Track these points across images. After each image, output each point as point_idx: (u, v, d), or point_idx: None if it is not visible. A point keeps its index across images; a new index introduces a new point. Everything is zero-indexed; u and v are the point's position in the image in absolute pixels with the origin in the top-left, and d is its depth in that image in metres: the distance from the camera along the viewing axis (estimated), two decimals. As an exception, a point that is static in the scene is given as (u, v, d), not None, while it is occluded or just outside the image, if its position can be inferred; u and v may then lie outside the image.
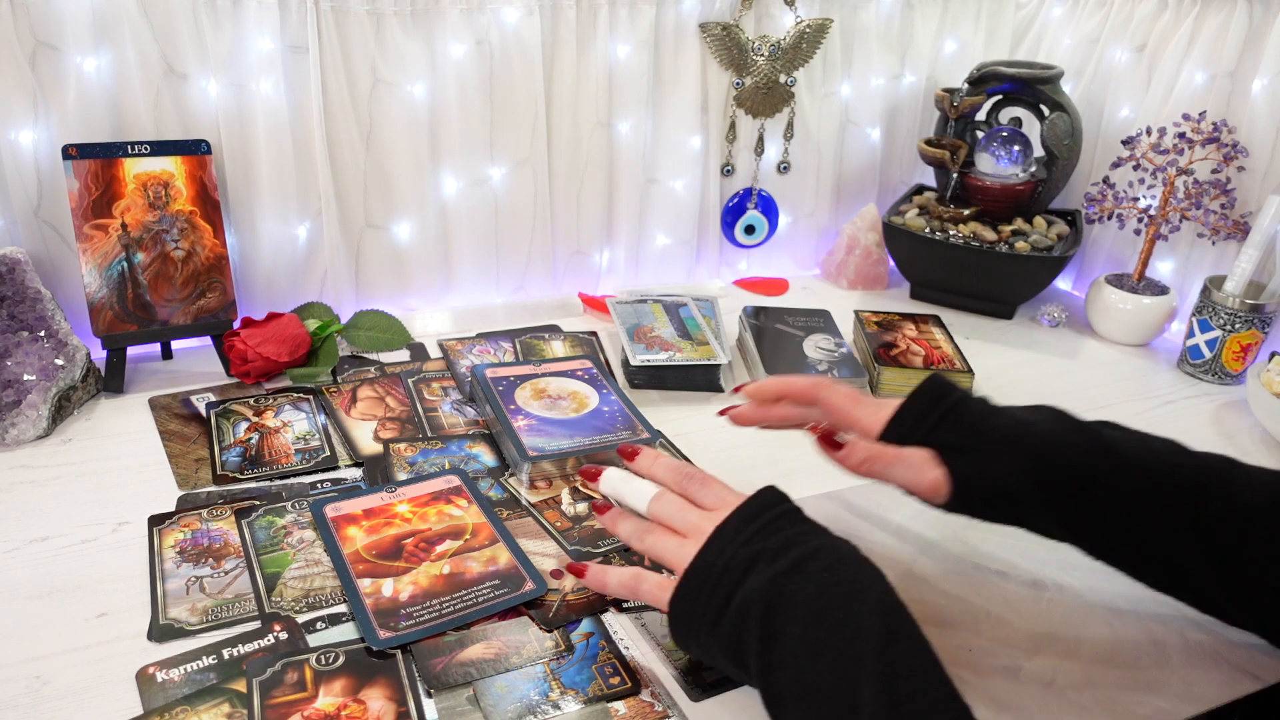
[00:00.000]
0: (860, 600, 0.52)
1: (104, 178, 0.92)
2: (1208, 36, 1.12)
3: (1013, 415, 0.65)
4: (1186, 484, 0.61)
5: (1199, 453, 0.64)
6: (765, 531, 0.58)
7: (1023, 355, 1.14)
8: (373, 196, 1.08)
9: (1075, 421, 0.65)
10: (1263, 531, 0.59)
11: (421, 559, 0.71)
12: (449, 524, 0.76)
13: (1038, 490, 0.62)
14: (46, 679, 0.60)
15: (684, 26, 1.16)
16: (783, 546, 0.56)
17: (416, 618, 0.66)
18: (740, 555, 0.57)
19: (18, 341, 0.88)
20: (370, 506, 0.77)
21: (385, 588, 0.68)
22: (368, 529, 0.74)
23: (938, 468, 0.64)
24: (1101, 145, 1.27)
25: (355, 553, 0.72)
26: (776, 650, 0.52)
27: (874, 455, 0.65)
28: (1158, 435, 0.65)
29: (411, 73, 1.04)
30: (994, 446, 0.64)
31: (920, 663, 0.49)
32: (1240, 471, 0.62)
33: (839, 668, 0.49)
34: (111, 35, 0.92)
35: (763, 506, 0.60)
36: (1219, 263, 1.16)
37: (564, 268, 1.23)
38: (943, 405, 0.66)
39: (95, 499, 0.78)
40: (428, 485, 0.80)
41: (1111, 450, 0.62)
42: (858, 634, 0.50)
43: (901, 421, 0.67)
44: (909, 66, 1.34)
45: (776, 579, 0.54)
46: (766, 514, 0.59)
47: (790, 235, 1.36)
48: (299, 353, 0.98)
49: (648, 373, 1.01)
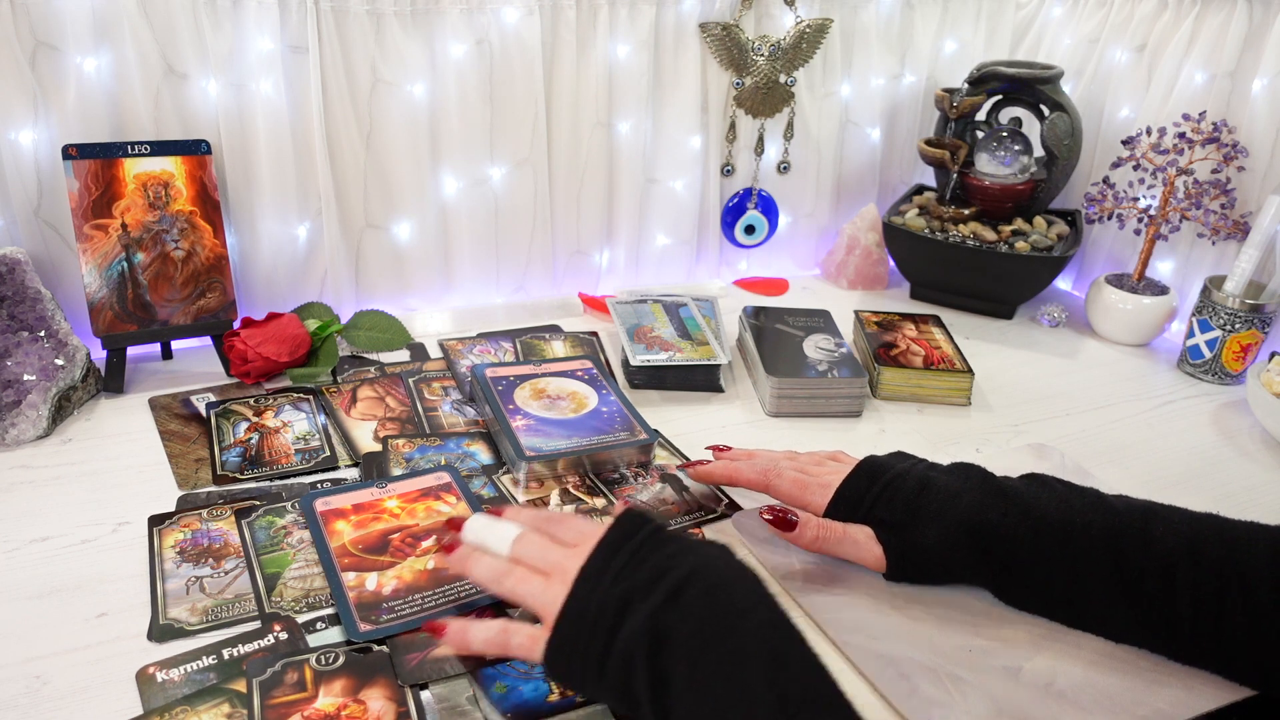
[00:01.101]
0: (741, 625, 0.50)
1: (104, 178, 0.92)
2: (1208, 36, 1.12)
3: (941, 488, 0.69)
4: (1102, 538, 0.64)
5: (1121, 503, 0.66)
6: (632, 564, 0.55)
7: (1023, 355, 1.14)
8: (373, 196, 1.08)
9: (999, 485, 0.69)
10: (1182, 578, 0.61)
11: (407, 554, 0.72)
12: (436, 520, 0.76)
13: (968, 556, 0.67)
14: (46, 679, 0.60)
15: (684, 26, 1.16)
16: (653, 578, 0.54)
17: (398, 611, 0.66)
18: (612, 596, 0.54)
19: (18, 341, 0.88)
20: (360, 501, 0.78)
21: (369, 581, 0.69)
22: (355, 524, 0.75)
23: (876, 545, 0.69)
24: (1101, 145, 1.27)
25: (342, 546, 0.72)
26: (668, 693, 0.50)
27: (823, 535, 0.70)
28: (1084, 487, 0.68)
29: (411, 73, 1.04)
30: (924, 522, 0.68)
31: (812, 685, 0.48)
32: (1158, 520, 0.64)
33: (732, 704, 0.47)
34: (111, 35, 0.92)
35: (623, 536, 0.57)
36: (1219, 263, 1.16)
37: (564, 268, 1.23)
38: (877, 485, 0.71)
39: (95, 499, 0.78)
40: (418, 481, 0.81)
41: (1029, 513, 0.66)
42: (743, 663, 0.48)
43: (840, 502, 0.72)
44: (909, 66, 1.34)
45: (655, 615, 0.51)
46: (629, 544, 0.57)
47: (790, 235, 1.36)
48: (299, 353, 0.98)
49: (648, 373, 1.01)
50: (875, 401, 1.01)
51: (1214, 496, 0.86)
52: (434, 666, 0.62)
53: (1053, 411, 1.01)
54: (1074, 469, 0.88)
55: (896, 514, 0.69)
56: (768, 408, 0.97)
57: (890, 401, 1.01)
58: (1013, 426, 0.97)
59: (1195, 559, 0.61)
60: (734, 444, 0.89)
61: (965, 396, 1.01)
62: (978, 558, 0.67)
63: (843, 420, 0.97)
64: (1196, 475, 0.90)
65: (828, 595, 0.70)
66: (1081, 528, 0.64)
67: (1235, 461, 0.93)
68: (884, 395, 1.01)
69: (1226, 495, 0.87)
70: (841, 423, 0.96)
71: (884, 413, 0.99)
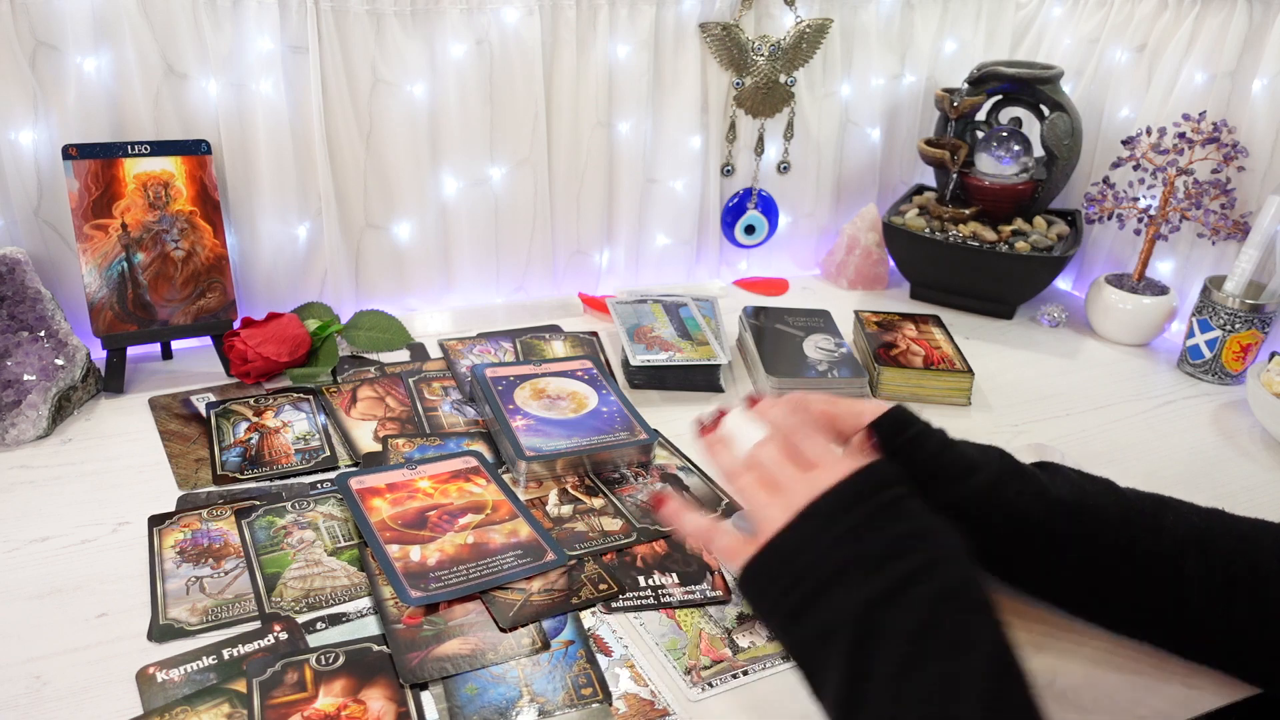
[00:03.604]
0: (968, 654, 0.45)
1: (104, 178, 0.92)
2: (1208, 36, 1.12)
3: (962, 454, 0.66)
4: (1114, 523, 0.62)
5: (1132, 493, 0.66)
6: (863, 527, 0.51)
7: (1023, 355, 1.14)
8: (373, 196, 1.08)
9: (1017, 466, 0.66)
10: (1191, 568, 0.60)
11: (445, 529, 0.74)
12: (470, 499, 0.78)
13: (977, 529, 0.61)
14: (46, 679, 0.60)
15: (684, 26, 1.16)
16: (882, 556, 0.49)
17: (445, 581, 0.68)
18: (830, 557, 0.50)
19: (18, 341, 0.88)
20: (393, 481, 0.79)
21: (413, 553, 0.71)
22: (392, 501, 0.77)
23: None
24: (1101, 145, 1.27)
25: (381, 521, 0.74)
26: (862, 690, 0.46)
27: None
28: (1094, 475, 0.67)
29: (411, 73, 1.04)
30: (942, 484, 0.64)
31: None
32: (1168, 510, 0.63)
33: None
34: (111, 35, 0.92)
35: (863, 490, 0.52)
36: (1219, 263, 1.16)
37: (564, 268, 1.23)
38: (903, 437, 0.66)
39: (95, 499, 0.78)
40: (447, 464, 0.83)
41: (1044, 494, 0.64)
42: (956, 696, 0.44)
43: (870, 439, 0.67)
44: (909, 66, 1.34)
45: (872, 606, 0.47)
46: (866, 503, 0.52)
47: (790, 235, 1.36)
48: (299, 353, 0.98)
49: (648, 373, 1.01)
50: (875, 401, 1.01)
51: (1214, 496, 0.85)
52: (434, 666, 0.62)
53: (1053, 411, 1.01)
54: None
55: (916, 468, 0.62)
56: (768, 408, 0.97)
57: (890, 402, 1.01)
58: (1013, 426, 0.97)
59: (1204, 549, 0.60)
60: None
61: (965, 396, 1.01)
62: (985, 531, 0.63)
63: (843, 420, 0.97)
64: (1196, 475, 0.90)
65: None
66: (1094, 511, 0.63)
67: (1235, 461, 0.93)
68: (884, 395, 1.01)
69: (1226, 495, 0.86)
70: (841, 423, 0.96)
71: (884, 413, 0.99)
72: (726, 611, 0.69)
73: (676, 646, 0.65)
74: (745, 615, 0.69)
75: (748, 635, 0.67)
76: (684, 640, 0.66)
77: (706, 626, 0.67)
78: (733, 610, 0.69)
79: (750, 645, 0.66)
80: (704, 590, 0.71)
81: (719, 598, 0.70)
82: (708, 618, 0.68)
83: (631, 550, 0.75)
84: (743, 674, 0.63)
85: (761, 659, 0.65)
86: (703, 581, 0.72)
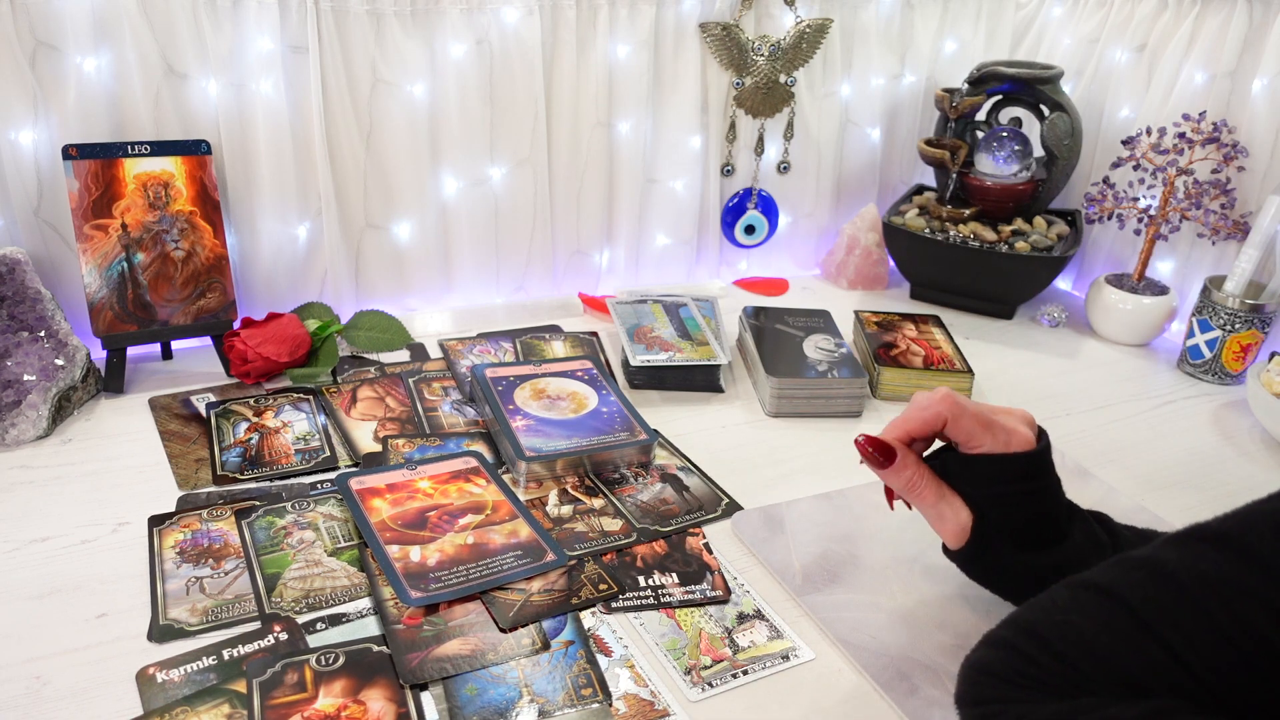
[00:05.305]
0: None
1: (104, 178, 0.92)
2: (1208, 36, 1.12)
3: (1072, 544, 0.62)
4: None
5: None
6: None
7: (1023, 355, 1.14)
8: (373, 196, 1.08)
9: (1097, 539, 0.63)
10: None
11: (445, 530, 0.74)
12: (470, 500, 0.78)
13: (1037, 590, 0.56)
14: (46, 679, 0.60)
15: (684, 26, 1.16)
16: None
17: (445, 581, 0.68)
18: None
19: (18, 341, 0.88)
20: (393, 481, 0.79)
21: (413, 554, 0.71)
22: (391, 501, 0.77)
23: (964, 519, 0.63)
24: (1101, 145, 1.27)
25: (381, 522, 0.74)
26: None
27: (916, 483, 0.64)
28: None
29: (411, 73, 1.04)
30: (1029, 547, 0.62)
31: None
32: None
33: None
34: (111, 35, 0.92)
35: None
36: (1219, 263, 1.16)
37: (564, 268, 1.23)
38: (1033, 482, 0.63)
39: (95, 499, 0.78)
40: (447, 465, 0.83)
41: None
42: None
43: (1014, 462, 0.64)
44: (909, 66, 1.34)
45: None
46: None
47: (790, 235, 1.36)
48: (299, 353, 0.98)
49: (648, 373, 1.01)
50: (875, 402, 1.01)
51: (1214, 496, 0.86)
52: (434, 667, 0.62)
53: (1053, 411, 1.01)
54: (1074, 469, 0.88)
55: (1015, 520, 0.62)
56: (768, 408, 0.97)
57: (890, 402, 1.01)
58: (1013, 426, 0.97)
59: None
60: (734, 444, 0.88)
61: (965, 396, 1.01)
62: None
63: (843, 420, 0.97)
64: (1196, 475, 0.90)
65: (828, 595, 0.70)
66: None
67: (1235, 461, 0.93)
68: (884, 395, 1.01)
69: (1227, 495, 0.87)
70: (842, 423, 0.96)
71: (884, 413, 0.99)
72: (726, 611, 0.69)
73: (676, 646, 0.65)
74: (745, 615, 0.69)
75: (748, 635, 0.67)
76: (684, 640, 0.66)
77: (706, 626, 0.67)
78: (733, 610, 0.69)
79: (750, 645, 0.66)
80: (704, 590, 0.71)
81: (719, 597, 0.70)
82: (708, 617, 0.68)
83: (631, 550, 0.75)
84: (743, 674, 0.63)
85: (761, 659, 0.65)
86: (703, 581, 0.72)
